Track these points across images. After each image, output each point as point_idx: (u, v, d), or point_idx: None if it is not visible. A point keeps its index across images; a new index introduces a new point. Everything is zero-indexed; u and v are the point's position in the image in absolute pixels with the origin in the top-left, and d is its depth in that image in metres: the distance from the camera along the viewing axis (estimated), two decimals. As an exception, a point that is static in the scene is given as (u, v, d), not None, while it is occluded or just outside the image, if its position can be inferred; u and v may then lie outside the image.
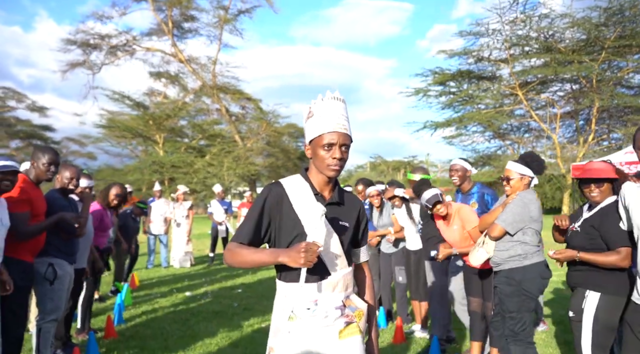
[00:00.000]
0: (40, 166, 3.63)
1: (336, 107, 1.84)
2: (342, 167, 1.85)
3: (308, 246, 1.65)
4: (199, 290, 7.27)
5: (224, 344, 4.58)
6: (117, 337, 4.78)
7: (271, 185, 1.94)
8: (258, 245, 1.87)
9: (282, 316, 1.84)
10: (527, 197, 3.21)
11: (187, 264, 9.92)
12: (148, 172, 25.37)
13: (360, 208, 2.01)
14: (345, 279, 1.87)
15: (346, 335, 1.82)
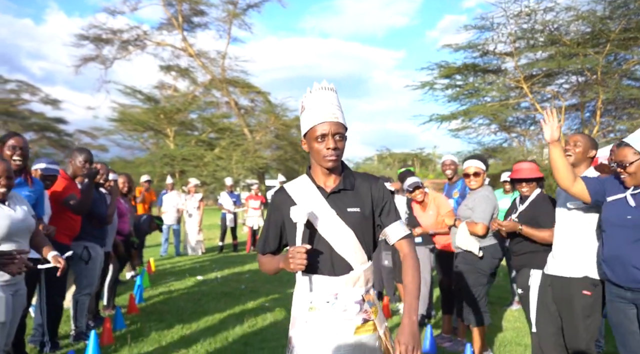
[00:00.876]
0: (77, 163, 4.37)
1: (326, 97, 1.84)
2: (339, 156, 1.83)
3: (294, 250, 1.73)
4: (210, 275, 8.02)
5: (231, 320, 5.29)
6: (138, 312, 5.52)
7: (275, 193, 2.01)
8: (276, 251, 2.00)
9: (301, 307, 1.88)
10: (487, 193, 3.86)
11: (198, 252, 10.68)
12: (159, 165, 26.22)
13: (372, 186, 1.92)
14: (365, 274, 1.87)
15: (362, 332, 1.84)
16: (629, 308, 2.59)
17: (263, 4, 29.22)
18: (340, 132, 1.81)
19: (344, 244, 1.82)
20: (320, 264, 1.83)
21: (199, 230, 10.70)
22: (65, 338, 4.49)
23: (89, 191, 4.20)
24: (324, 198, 1.86)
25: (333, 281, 1.82)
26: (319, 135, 1.80)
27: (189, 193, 10.75)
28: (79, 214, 4.23)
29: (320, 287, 1.83)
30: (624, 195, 2.65)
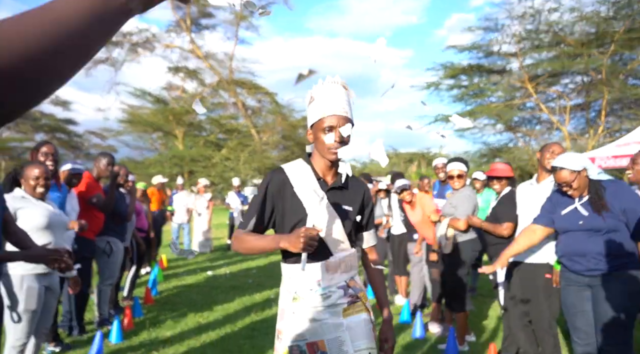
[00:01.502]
0: (101, 166, 4.89)
1: (336, 91, 1.85)
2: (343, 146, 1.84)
3: (307, 231, 1.66)
4: (219, 270, 8.52)
5: (240, 309, 5.78)
6: (153, 303, 6.03)
7: (273, 172, 1.96)
8: (263, 231, 1.92)
9: (286, 298, 1.89)
10: (468, 193, 4.32)
11: (207, 249, 11.20)
12: (168, 166, 26.86)
13: (365, 192, 2.02)
14: (348, 260, 1.89)
15: (351, 313, 1.85)
16: (585, 290, 3.03)
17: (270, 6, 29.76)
18: (347, 125, 1.83)
19: (331, 233, 1.85)
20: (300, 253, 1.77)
21: (208, 228, 11.21)
22: (90, 324, 5.00)
23: (112, 191, 4.71)
24: (323, 191, 1.88)
25: (315, 267, 1.82)
26: (327, 127, 1.82)
27: (199, 193, 11.27)
28: (104, 213, 4.74)
29: (302, 275, 1.83)
30: (574, 206, 3.07)
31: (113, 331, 4.47)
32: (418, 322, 4.72)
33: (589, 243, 2.96)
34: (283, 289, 1.92)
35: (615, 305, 2.82)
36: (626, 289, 2.85)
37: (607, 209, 2.84)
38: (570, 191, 3.00)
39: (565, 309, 3.12)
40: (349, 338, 1.84)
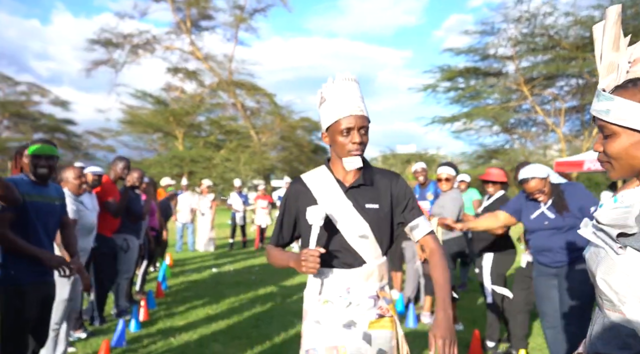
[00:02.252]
0: (117, 169, 5.34)
1: (349, 89, 1.79)
2: (364, 150, 1.81)
3: (308, 253, 1.68)
4: (224, 268, 8.99)
5: (245, 302, 6.24)
6: (164, 297, 6.49)
7: (291, 183, 1.99)
8: (286, 244, 1.99)
9: (313, 300, 1.86)
10: (455, 195, 4.79)
11: (211, 248, 11.66)
12: (168, 166, 27.31)
13: (392, 183, 1.90)
14: (380, 269, 1.84)
15: (376, 327, 1.81)
16: (552, 280, 3.50)
17: (269, 8, 30.28)
18: (365, 125, 1.79)
19: (359, 239, 1.80)
20: (333, 258, 1.80)
21: (211, 228, 11.67)
22: (108, 315, 5.46)
23: (124, 200, 5.14)
24: (343, 192, 1.84)
25: (345, 274, 1.80)
26: (345, 128, 1.76)
27: (202, 194, 11.73)
28: (114, 217, 5.16)
29: (332, 280, 1.81)
30: (541, 210, 3.53)
31: (132, 321, 4.93)
32: (411, 313, 5.19)
33: (553, 239, 3.43)
34: (309, 290, 1.89)
35: (577, 291, 3.30)
36: (584, 277, 3.33)
37: (567, 209, 3.31)
38: (541, 196, 3.46)
39: (536, 297, 3.60)
40: (372, 351, 1.79)
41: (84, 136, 41.85)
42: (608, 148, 1.25)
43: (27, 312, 2.91)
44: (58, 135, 41.97)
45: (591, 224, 1.34)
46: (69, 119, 40.76)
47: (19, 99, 39.78)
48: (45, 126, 40.67)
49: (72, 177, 3.77)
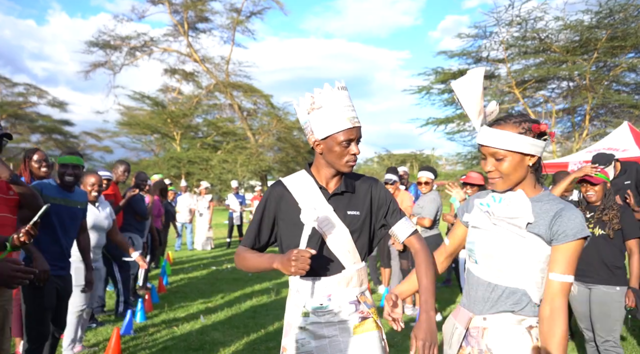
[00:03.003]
0: (119, 172, 5.80)
1: (344, 98, 1.81)
2: (356, 160, 1.85)
3: (299, 253, 1.63)
4: (221, 265, 9.45)
5: (242, 296, 6.70)
6: (166, 292, 6.95)
7: (272, 186, 1.97)
8: (265, 247, 1.94)
9: (294, 312, 1.85)
10: (433, 196, 5.27)
11: (208, 247, 12.11)
12: (166, 167, 27.73)
13: (372, 188, 1.93)
14: (359, 274, 1.86)
15: (362, 331, 1.82)
16: None
17: (265, 11, 30.73)
18: (361, 135, 1.84)
19: (339, 245, 1.82)
20: (314, 265, 1.71)
21: (209, 228, 12.12)
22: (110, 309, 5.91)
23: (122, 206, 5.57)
24: (325, 199, 1.86)
25: (326, 281, 1.81)
26: (344, 140, 1.78)
27: (200, 194, 12.19)
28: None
29: (313, 289, 1.81)
30: None
31: (138, 312, 5.38)
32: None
33: None
34: (290, 303, 1.90)
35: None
36: None
37: None
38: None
39: None
40: None
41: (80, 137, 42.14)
42: (500, 168, 1.72)
43: (46, 301, 3.36)
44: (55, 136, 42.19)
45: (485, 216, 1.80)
46: (66, 120, 41.02)
47: (17, 100, 39.98)
48: (43, 127, 40.87)
49: (89, 183, 4.23)
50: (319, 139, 1.82)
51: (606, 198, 3.44)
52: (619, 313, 3.35)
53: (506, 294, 1.71)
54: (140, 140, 34.13)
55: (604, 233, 3.40)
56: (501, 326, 1.71)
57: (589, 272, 3.41)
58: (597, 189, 3.45)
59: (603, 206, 3.43)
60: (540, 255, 1.68)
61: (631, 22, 21.16)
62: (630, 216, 3.44)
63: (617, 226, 3.37)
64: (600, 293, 3.39)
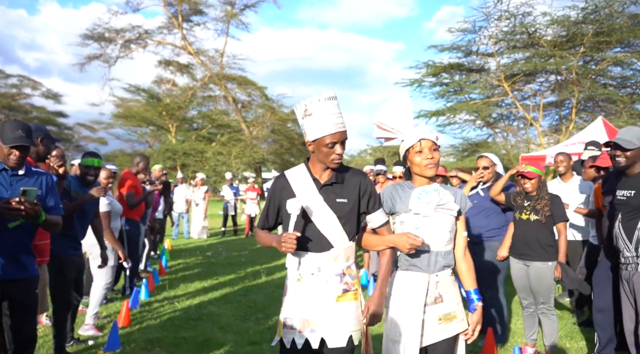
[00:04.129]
0: (139, 167, 6.44)
1: (332, 107, 2.17)
2: (342, 158, 2.24)
3: (287, 236, 2.10)
4: (216, 251, 10.16)
5: (235, 279, 7.42)
6: (166, 274, 7.66)
7: (277, 178, 2.41)
8: (271, 227, 2.41)
9: (291, 278, 2.31)
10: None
11: (204, 236, 12.82)
12: (162, 159, 28.33)
13: (361, 182, 2.30)
14: (346, 251, 2.25)
15: (343, 300, 2.22)
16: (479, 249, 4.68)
17: (259, 4, 31.21)
18: (346, 138, 2.21)
19: (328, 227, 2.22)
20: (307, 243, 2.21)
21: (204, 217, 12.83)
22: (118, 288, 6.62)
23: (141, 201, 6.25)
24: (317, 189, 2.26)
25: (317, 256, 2.23)
26: (329, 143, 2.16)
27: (196, 186, 12.88)
28: (129, 209, 6.26)
29: (306, 262, 2.24)
30: (477, 190, 4.72)
31: (142, 291, 6.09)
32: (371, 286, 6.40)
33: (475, 218, 4.62)
34: (289, 270, 2.33)
35: (488, 262, 4.49)
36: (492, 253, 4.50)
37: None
38: (485, 174, 4.62)
39: None
40: (338, 321, 2.20)
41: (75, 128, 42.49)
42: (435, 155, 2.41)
43: (67, 275, 4.06)
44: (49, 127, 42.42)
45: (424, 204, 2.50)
46: (60, 112, 41.32)
47: (10, 91, 40.20)
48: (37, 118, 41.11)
49: (102, 177, 4.91)
50: (310, 140, 2.20)
51: (540, 189, 4.15)
52: (552, 283, 4.08)
53: (444, 256, 2.45)
54: (135, 132, 34.69)
55: (538, 218, 4.10)
56: (445, 278, 2.46)
57: (527, 251, 4.11)
58: (533, 182, 4.16)
59: (537, 196, 4.14)
60: (453, 225, 2.47)
61: (616, 17, 21.87)
62: (558, 203, 4.15)
63: (548, 212, 4.08)
64: (536, 268, 4.09)
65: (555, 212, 4.10)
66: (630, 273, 3.19)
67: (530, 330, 4.23)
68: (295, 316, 2.25)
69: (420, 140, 2.41)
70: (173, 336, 4.61)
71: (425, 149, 2.41)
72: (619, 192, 3.29)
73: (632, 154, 3.19)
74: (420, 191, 2.46)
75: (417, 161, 2.42)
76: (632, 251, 3.17)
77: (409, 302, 2.42)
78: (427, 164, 2.41)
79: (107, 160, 22.09)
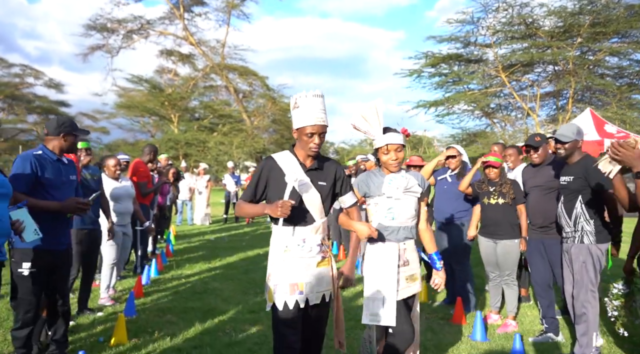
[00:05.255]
0: (147, 155, 7.06)
1: (317, 103, 2.55)
2: (320, 147, 2.64)
3: (284, 202, 2.42)
4: (219, 236, 10.82)
5: (237, 260, 8.08)
6: (172, 256, 8.32)
7: (265, 159, 2.74)
8: (258, 201, 2.72)
9: (278, 249, 2.66)
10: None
11: (206, 222, 13.49)
12: (164, 149, 28.95)
13: (337, 169, 2.79)
14: (324, 225, 2.71)
15: (321, 265, 2.71)
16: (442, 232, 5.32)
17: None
18: (324, 131, 2.60)
19: (313, 204, 2.65)
20: (294, 218, 2.55)
21: (207, 205, 13.48)
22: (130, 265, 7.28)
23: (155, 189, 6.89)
24: (304, 172, 2.66)
25: (302, 230, 2.63)
26: (309, 133, 2.55)
27: (199, 175, 13.52)
28: (142, 196, 6.88)
29: (293, 235, 2.63)
30: (446, 176, 5.34)
31: (151, 269, 6.74)
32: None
33: (445, 202, 5.25)
34: (275, 243, 2.69)
35: (457, 241, 5.12)
36: (461, 233, 5.14)
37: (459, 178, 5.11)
38: (453, 162, 5.25)
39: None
40: (318, 282, 2.69)
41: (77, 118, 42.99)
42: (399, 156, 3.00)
43: (93, 244, 4.82)
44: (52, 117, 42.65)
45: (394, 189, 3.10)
46: (62, 101, 41.80)
47: (13, 81, 40.60)
48: (40, 107, 41.62)
49: (111, 165, 5.53)
50: (294, 128, 2.64)
51: (502, 176, 4.76)
52: (517, 256, 4.71)
53: (410, 229, 3.06)
54: (138, 122, 35.27)
55: (505, 201, 4.71)
56: (410, 246, 3.08)
57: (497, 231, 4.71)
58: (497, 171, 4.76)
59: (501, 182, 4.75)
60: (417, 204, 3.10)
61: (612, 8, 22.26)
62: (518, 187, 4.75)
63: (512, 195, 4.69)
64: (505, 245, 4.68)
65: (516, 195, 4.71)
66: (569, 245, 3.81)
67: (495, 299, 4.87)
68: (284, 282, 2.63)
69: (387, 144, 2.96)
70: (182, 306, 5.26)
71: (391, 151, 2.97)
72: (562, 178, 3.90)
73: (569, 146, 3.79)
74: (391, 178, 3.04)
75: (384, 160, 3.02)
76: (572, 227, 3.78)
77: (385, 266, 3.00)
78: (392, 164, 3.00)
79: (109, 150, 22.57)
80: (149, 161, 7.01)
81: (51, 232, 3.31)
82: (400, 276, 2.99)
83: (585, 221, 3.70)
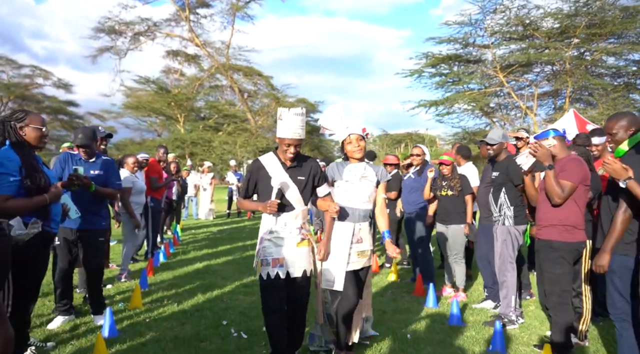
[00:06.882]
0: (160, 154, 8.13)
1: (297, 120, 3.22)
2: (295, 155, 3.32)
3: (271, 203, 3.19)
4: (222, 229, 11.87)
5: (237, 249, 9.08)
6: (178, 245, 9.37)
7: (253, 162, 3.46)
8: (251, 197, 3.54)
9: (265, 231, 3.40)
10: None
11: (210, 217, 14.54)
12: (171, 148, 30.13)
13: (313, 166, 3.46)
14: (303, 212, 3.39)
15: (301, 245, 3.38)
16: (410, 222, 6.33)
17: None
18: (299, 144, 3.31)
19: (292, 196, 3.35)
20: (279, 207, 3.25)
21: (211, 201, 14.56)
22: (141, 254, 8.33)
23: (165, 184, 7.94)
24: (284, 170, 3.36)
25: (285, 216, 3.36)
26: (287, 143, 3.26)
27: (204, 172, 14.60)
28: (152, 190, 7.90)
29: (278, 220, 3.37)
30: (409, 174, 6.35)
31: (160, 255, 7.79)
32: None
33: (409, 194, 6.26)
34: (263, 226, 3.40)
35: (419, 230, 6.12)
36: (422, 220, 6.15)
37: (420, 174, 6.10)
38: (416, 159, 6.25)
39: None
40: (298, 259, 3.34)
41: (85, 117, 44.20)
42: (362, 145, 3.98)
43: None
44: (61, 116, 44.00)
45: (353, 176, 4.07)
46: (71, 101, 42.99)
47: (23, 81, 41.75)
48: (49, 107, 42.75)
49: (130, 162, 6.59)
50: (277, 137, 3.32)
51: (453, 172, 5.76)
52: (463, 239, 5.71)
53: (364, 211, 3.83)
54: (145, 122, 36.51)
55: (453, 193, 5.70)
56: (364, 227, 3.84)
57: (447, 218, 5.71)
58: (449, 167, 5.76)
59: (451, 177, 5.75)
60: (373, 191, 3.90)
61: (608, 10, 23.07)
62: (466, 181, 5.74)
63: (459, 188, 5.68)
64: (453, 229, 5.68)
65: (464, 187, 5.71)
66: (496, 227, 4.80)
67: (449, 275, 5.88)
68: (269, 257, 3.35)
69: (350, 135, 3.74)
70: (186, 282, 6.27)
71: (353, 140, 3.74)
72: (492, 174, 4.90)
73: (496, 147, 4.79)
74: (351, 167, 3.85)
75: (348, 149, 3.77)
76: (497, 212, 4.77)
77: (340, 242, 3.76)
78: (354, 151, 3.77)
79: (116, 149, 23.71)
80: (160, 159, 8.09)
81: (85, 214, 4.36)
82: (352, 250, 3.67)
83: (507, 207, 4.69)
